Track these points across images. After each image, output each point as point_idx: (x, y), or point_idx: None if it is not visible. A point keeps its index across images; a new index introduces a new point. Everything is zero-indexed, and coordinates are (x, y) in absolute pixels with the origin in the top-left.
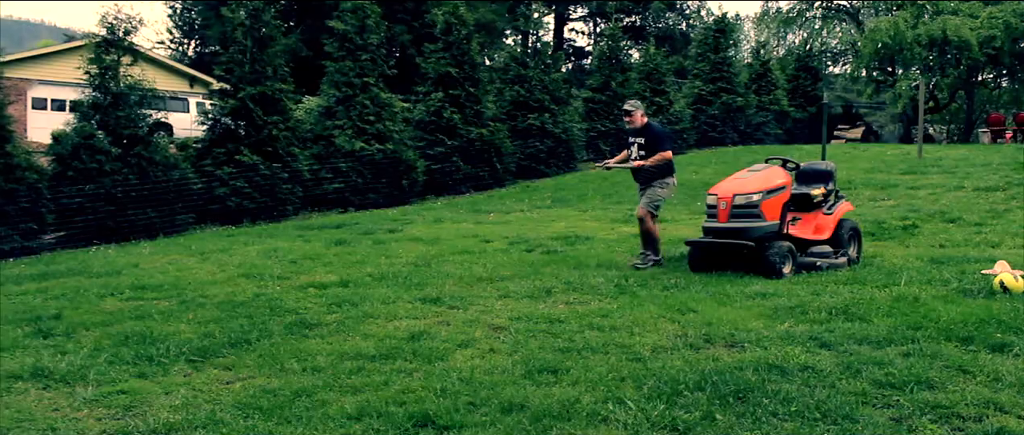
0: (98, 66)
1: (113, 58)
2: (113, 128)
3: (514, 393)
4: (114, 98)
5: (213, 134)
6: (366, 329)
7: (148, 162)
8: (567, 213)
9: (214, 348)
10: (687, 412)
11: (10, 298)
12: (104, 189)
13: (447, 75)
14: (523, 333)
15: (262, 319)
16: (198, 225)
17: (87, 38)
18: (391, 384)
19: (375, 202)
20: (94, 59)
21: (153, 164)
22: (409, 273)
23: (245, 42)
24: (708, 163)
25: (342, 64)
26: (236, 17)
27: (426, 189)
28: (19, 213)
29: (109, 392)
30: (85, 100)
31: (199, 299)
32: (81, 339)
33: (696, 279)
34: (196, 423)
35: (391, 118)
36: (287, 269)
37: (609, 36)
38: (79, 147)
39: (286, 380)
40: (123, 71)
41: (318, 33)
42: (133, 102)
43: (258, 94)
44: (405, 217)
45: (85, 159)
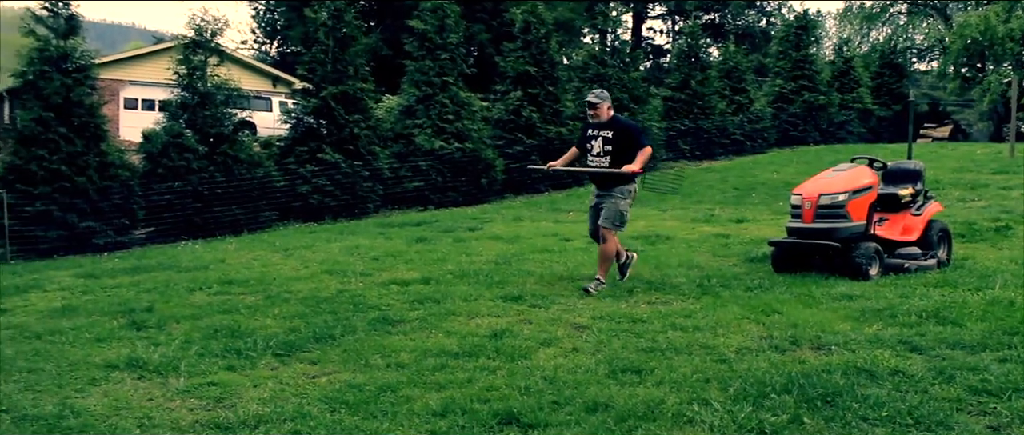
0: (186, 67)
1: (200, 59)
2: (200, 127)
3: (598, 392)
4: (201, 98)
5: (296, 132)
6: (448, 326)
7: (233, 160)
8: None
9: (299, 343)
10: (774, 415)
11: (105, 291)
12: (191, 186)
13: (526, 74)
14: (606, 332)
15: (346, 315)
16: (281, 222)
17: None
18: (475, 381)
19: (454, 200)
20: (182, 60)
21: (238, 162)
22: (490, 271)
23: (327, 42)
24: (789, 162)
25: (422, 63)
26: (318, 17)
27: (505, 188)
28: (112, 209)
29: (200, 384)
30: (174, 100)
31: (284, 294)
32: (172, 331)
33: (780, 280)
34: (284, 416)
35: (470, 117)
36: (369, 266)
37: (688, 34)
38: (168, 145)
39: (371, 376)
40: (210, 71)
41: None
42: (219, 101)
43: (340, 93)
44: (484, 215)
45: (174, 157)
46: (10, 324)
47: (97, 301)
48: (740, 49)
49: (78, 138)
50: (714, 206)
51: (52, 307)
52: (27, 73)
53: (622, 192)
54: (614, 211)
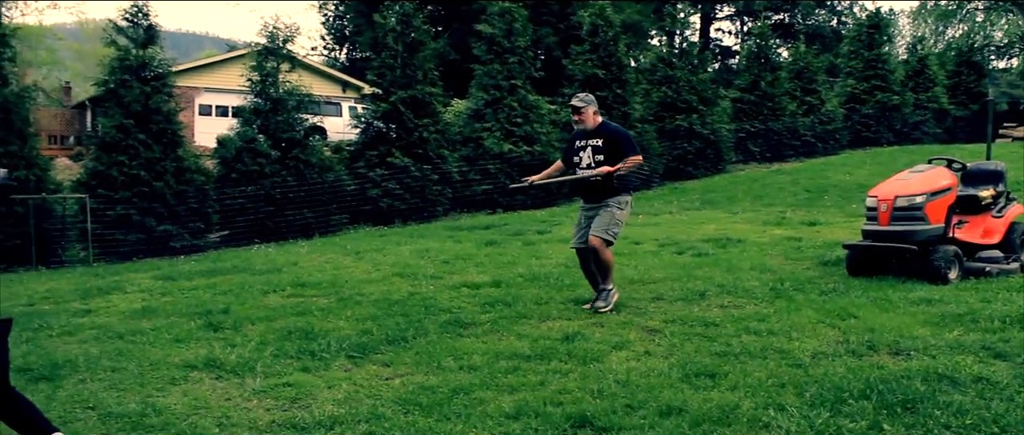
0: (259, 73)
1: (272, 65)
2: (273, 132)
3: (672, 397)
4: (273, 103)
5: (366, 137)
6: (520, 329)
7: (305, 164)
8: (717, 215)
9: (372, 345)
10: (852, 421)
11: (183, 293)
12: (264, 190)
13: (594, 76)
14: (678, 336)
15: (417, 317)
16: (351, 225)
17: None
18: (547, 384)
19: (523, 204)
20: (255, 66)
21: (309, 166)
22: (560, 274)
23: (396, 47)
24: (862, 164)
25: (490, 67)
26: (387, 23)
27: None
28: (188, 213)
29: (276, 384)
30: (247, 106)
31: (356, 297)
32: (247, 333)
33: (855, 283)
34: (358, 417)
35: (538, 120)
36: (440, 269)
37: (758, 34)
38: (242, 150)
39: (443, 378)
40: (281, 77)
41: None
42: (291, 107)
43: (409, 97)
44: (553, 218)
45: (247, 162)
46: (94, 324)
47: (175, 303)
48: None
49: (156, 144)
50: (785, 209)
51: (133, 308)
52: (109, 82)
53: (618, 202)
54: (607, 219)
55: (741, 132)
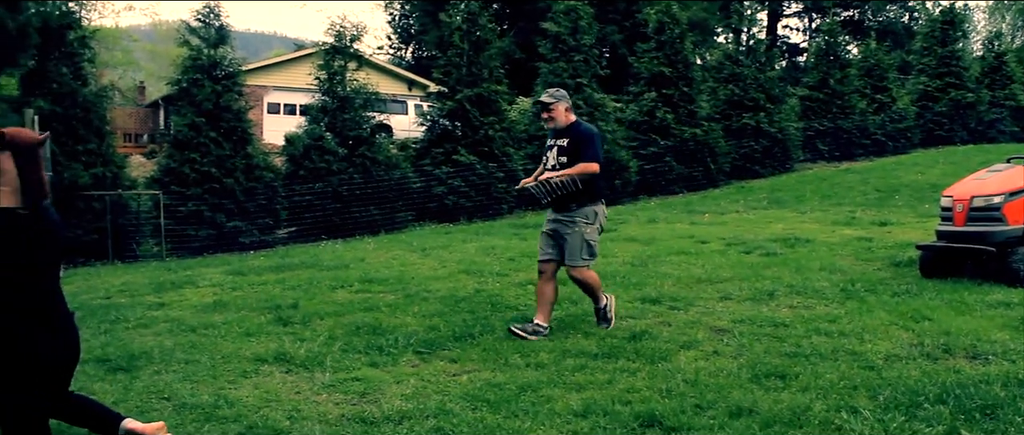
0: (326, 71)
1: (340, 64)
2: (340, 130)
3: (741, 397)
4: (341, 101)
5: (431, 135)
6: (586, 327)
7: (371, 162)
8: (784, 214)
9: (439, 341)
10: (929, 426)
11: (253, 288)
12: (331, 187)
13: (660, 74)
14: (747, 336)
15: (484, 314)
16: (417, 222)
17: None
18: (615, 383)
19: None
20: (323, 65)
21: (376, 164)
22: (627, 273)
23: (462, 45)
24: (935, 163)
25: (555, 65)
26: (453, 21)
27: (639, 189)
28: (258, 209)
29: (344, 378)
30: (315, 104)
31: (423, 293)
32: (316, 327)
33: (929, 285)
34: (427, 412)
35: (604, 118)
36: (505, 266)
37: (826, 31)
38: (310, 148)
39: (511, 375)
40: (349, 76)
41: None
42: (358, 105)
43: (474, 96)
44: (619, 217)
45: (315, 159)
46: (168, 317)
47: (245, 297)
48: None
49: (226, 142)
50: (855, 208)
51: (205, 302)
52: (181, 81)
53: (585, 216)
54: (577, 244)
55: (809, 130)
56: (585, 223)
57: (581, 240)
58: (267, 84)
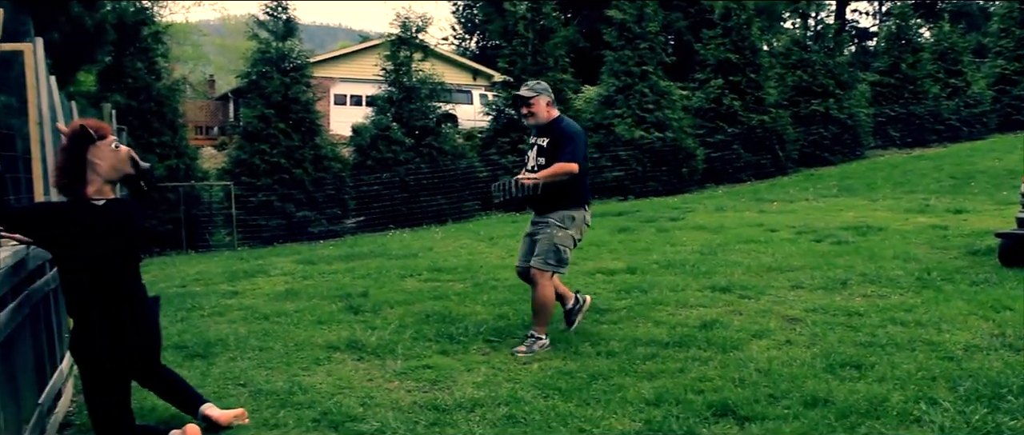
0: (393, 62)
1: (406, 55)
2: (406, 120)
3: (816, 387)
4: (407, 92)
5: (497, 124)
6: (657, 316)
7: (437, 151)
8: (855, 202)
9: (509, 329)
10: (1012, 418)
11: (323, 276)
12: (398, 177)
13: (727, 61)
14: (820, 325)
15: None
16: (483, 212)
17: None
18: (686, 371)
19: (655, 190)
20: (389, 56)
21: (442, 153)
22: (696, 261)
23: (526, 35)
24: (1013, 149)
25: (621, 53)
26: (517, 11)
27: (706, 177)
28: (326, 199)
29: (416, 366)
30: (381, 95)
31: (491, 282)
32: (387, 316)
33: (1009, 274)
34: (499, 400)
35: (670, 106)
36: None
37: (897, 15)
38: (376, 138)
39: (582, 363)
40: (414, 66)
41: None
42: (424, 95)
43: None
44: (686, 205)
45: (382, 149)
46: (242, 305)
47: (316, 286)
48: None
49: (295, 133)
50: (929, 196)
51: (276, 290)
52: (251, 73)
53: (560, 219)
54: (548, 245)
55: (880, 116)
56: (558, 226)
57: (549, 243)
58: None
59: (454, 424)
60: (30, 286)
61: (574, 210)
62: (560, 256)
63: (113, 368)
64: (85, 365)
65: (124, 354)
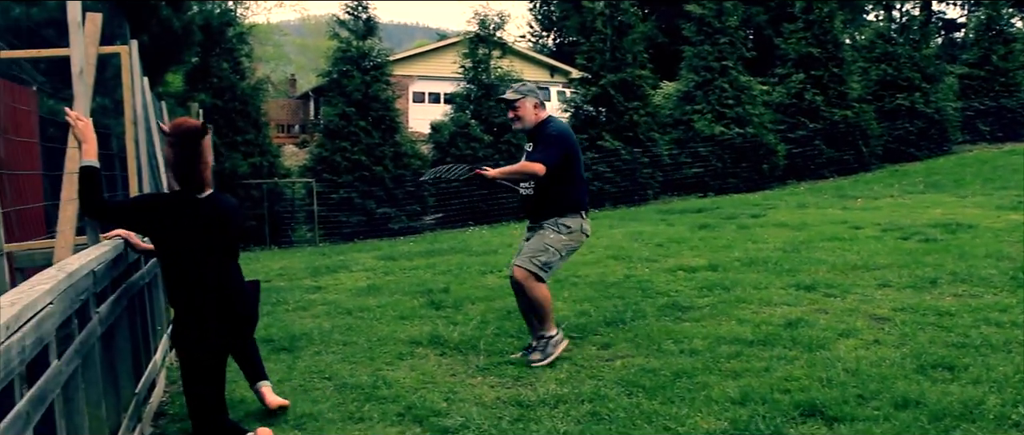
0: (471, 60)
1: (484, 52)
2: (485, 117)
3: (907, 388)
4: (485, 89)
5: (575, 120)
6: (740, 314)
7: (516, 148)
8: (942, 199)
9: (590, 326)
10: None
11: (404, 272)
12: None
13: (808, 55)
14: (909, 325)
15: (634, 300)
16: None
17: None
18: (772, 371)
19: (735, 187)
20: (468, 53)
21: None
22: (778, 259)
23: (605, 31)
24: None
25: (700, 48)
26: (595, 7)
27: (787, 173)
28: (405, 196)
29: (498, 362)
30: (460, 92)
31: (572, 279)
32: (468, 312)
33: None
34: (582, 397)
35: (750, 101)
36: (654, 252)
37: (988, 5)
38: (455, 135)
39: (664, 360)
40: (493, 64)
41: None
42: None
43: (618, 81)
44: (767, 202)
45: (461, 146)
46: (325, 300)
47: (398, 282)
48: None
49: (375, 130)
50: (1022, 192)
51: (359, 286)
52: (332, 72)
53: (556, 225)
54: (538, 244)
55: (969, 110)
56: (551, 231)
57: (540, 242)
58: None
59: (538, 420)
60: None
61: (568, 217)
62: (547, 259)
63: (210, 358)
64: (184, 354)
65: (221, 344)
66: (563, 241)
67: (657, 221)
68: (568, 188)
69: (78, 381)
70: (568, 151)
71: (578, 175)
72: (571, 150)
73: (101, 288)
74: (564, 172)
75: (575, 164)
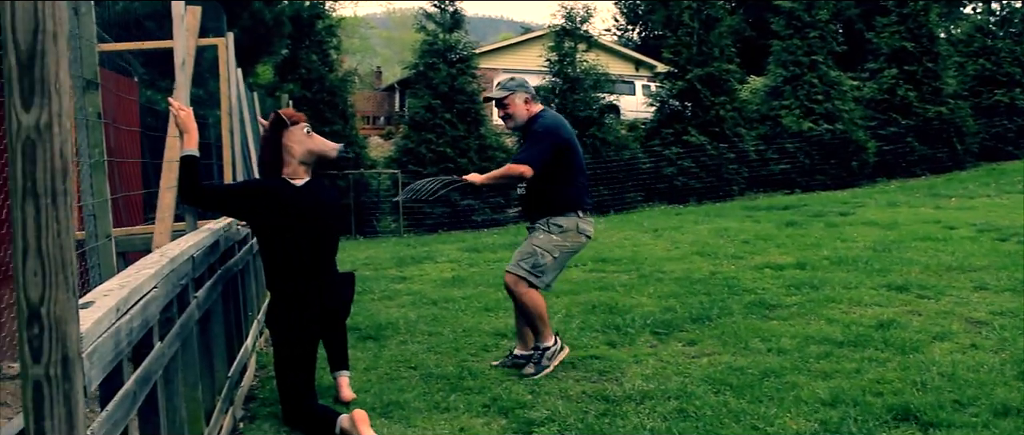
0: (557, 53)
1: (570, 45)
2: (570, 110)
3: (1007, 395)
4: (571, 83)
5: (660, 115)
6: (829, 313)
7: (601, 142)
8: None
9: (676, 322)
10: None
11: (488, 264)
12: None
13: (901, 50)
14: (1009, 329)
15: (720, 297)
16: (646, 203)
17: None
18: (863, 372)
19: (822, 184)
20: (554, 47)
21: (605, 144)
22: (869, 258)
23: (692, 24)
24: None
25: (789, 42)
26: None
27: (876, 171)
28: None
29: (583, 356)
30: (544, 85)
31: (657, 274)
32: (552, 305)
33: None
34: (668, 393)
35: (840, 97)
36: (740, 249)
37: None
38: None
39: (752, 359)
40: (578, 57)
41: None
42: (587, 86)
43: (705, 75)
44: (856, 200)
45: None
46: (410, 290)
47: (482, 273)
48: None
49: (461, 123)
50: None
51: (444, 277)
52: (418, 65)
53: (548, 225)
54: (527, 249)
55: None
56: (543, 232)
57: (528, 247)
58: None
59: (624, 415)
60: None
61: (561, 217)
62: (536, 261)
63: (302, 343)
64: (277, 338)
65: (314, 331)
66: (555, 242)
67: (743, 218)
68: (561, 186)
69: (177, 363)
70: (558, 146)
71: (574, 172)
72: (563, 145)
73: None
74: (556, 169)
75: (570, 159)
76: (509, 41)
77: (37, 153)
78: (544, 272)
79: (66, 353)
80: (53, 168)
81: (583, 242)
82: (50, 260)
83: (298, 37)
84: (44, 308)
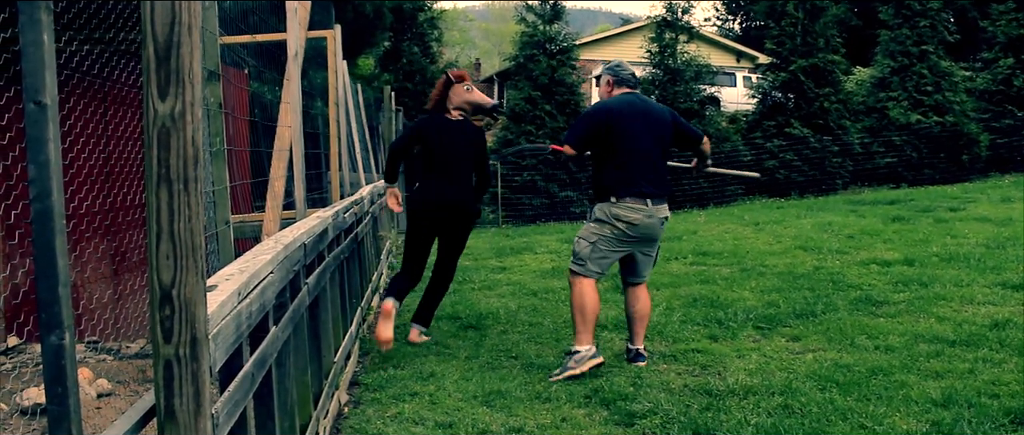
0: (658, 45)
1: (671, 36)
2: (670, 102)
3: None
4: (671, 74)
5: (762, 107)
6: (939, 312)
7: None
8: None
9: (779, 317)
10: None
11: None
12: None
13: (1018, 38)
14: None
15: (825, 292)
16: (746, 196)
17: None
18: (977, 373)
19: (930, 178)
20: (654, 38)
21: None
22: (981, 255)
23: (796, 14)
24: None
25: (898, 32)
26: None
27: (989, 165)
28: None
29: (685, 350)
30: (645, 77)
31: (759, 268)
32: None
33: None
34: (772, 389)
35: (951, 88)
36: (844, 244)
37: None
38: None
39: (859, 356)
40: (679, 48)
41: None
42: (688, 78)
43: (809, 66)
44: (966, 195)
45: None
46: (509, 281)
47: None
48: None
49: (560, 114)
50: None
51: (543, 268)
52: (518, 56)
53: (590, 213)
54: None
55: None
56: (587, 220)
57: (576, 238)
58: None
59: (727, 410)
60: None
61: (599, 203)
62: (574, 249)
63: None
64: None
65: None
66: (591, 229)
67: (846, 212)
68: (601, 172)
69: (289, 348)
70: (595, 129)
71: (615, 157)
72: (599, 128)
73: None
74: (601, 154)
75: (611, 143)
76: (609, 32)
77: (171, 141)
78: (583, 260)
79: (194, 334)
80: (186, 155)
81: (621, 228)
82: (181, 244)
83: (400, 29)
84: (175, 290)
